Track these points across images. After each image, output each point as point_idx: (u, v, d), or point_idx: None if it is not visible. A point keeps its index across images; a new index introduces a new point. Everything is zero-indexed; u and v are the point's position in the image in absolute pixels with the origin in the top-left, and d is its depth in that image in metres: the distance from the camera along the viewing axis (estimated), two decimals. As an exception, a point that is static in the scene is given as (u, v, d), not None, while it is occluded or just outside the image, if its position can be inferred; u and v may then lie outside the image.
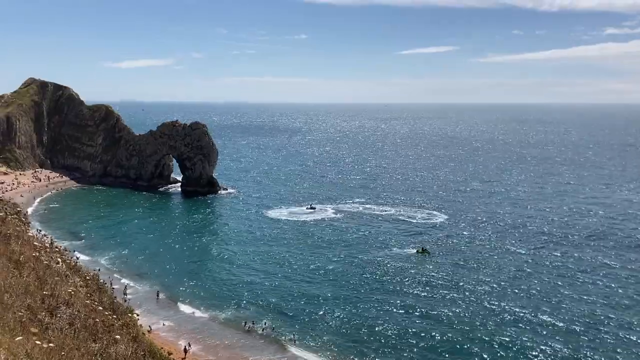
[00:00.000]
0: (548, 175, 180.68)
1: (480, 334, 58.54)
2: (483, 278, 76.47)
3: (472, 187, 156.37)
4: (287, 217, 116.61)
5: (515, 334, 58.52)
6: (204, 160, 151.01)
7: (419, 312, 64.71)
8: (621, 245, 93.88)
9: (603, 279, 76.27)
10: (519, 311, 64.77)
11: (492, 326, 60.51)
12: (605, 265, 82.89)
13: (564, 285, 73.94)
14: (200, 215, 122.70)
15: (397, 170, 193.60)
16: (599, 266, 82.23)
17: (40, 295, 12.27)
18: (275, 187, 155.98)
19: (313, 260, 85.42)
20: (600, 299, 68.94)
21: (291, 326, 61.03)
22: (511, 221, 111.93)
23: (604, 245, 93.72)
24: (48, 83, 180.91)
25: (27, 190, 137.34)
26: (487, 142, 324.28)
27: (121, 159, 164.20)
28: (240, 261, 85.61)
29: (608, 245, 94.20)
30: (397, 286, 73.43)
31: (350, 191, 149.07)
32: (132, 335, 15.11)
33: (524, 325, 60.98)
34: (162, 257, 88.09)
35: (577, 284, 74.37)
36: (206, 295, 71.12)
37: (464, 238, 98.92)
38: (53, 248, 18.32)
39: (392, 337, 58.28)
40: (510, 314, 63.92)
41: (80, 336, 11.93)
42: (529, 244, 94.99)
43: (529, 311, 64.71)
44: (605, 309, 65.52)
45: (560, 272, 79.16)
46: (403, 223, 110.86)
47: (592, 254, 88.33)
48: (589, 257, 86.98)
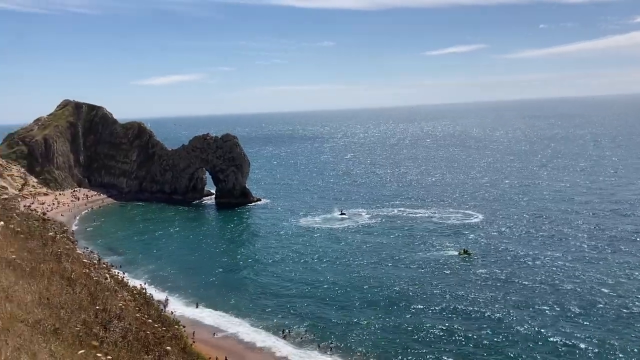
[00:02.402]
0: (584, 170, 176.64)
1: (533, 340, 57.54)
2: (531, 278, 75.01)
3: (506, 185, 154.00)
4: (320, 224, 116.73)
5: (561, 336, 57.34)
6: (236, 172, 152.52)
7: (466, 316, 63.75)
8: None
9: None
10: (562, 313, 63.46)
11: (545, 331, 59.41)
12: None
13: (608, 285, 72.11)
14: (235, 226, 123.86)
15: (429, 172, 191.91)
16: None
17: (93, 310, 12.66)
18: (307, 195, 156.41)
19: (351, 267, 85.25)
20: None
21: (330, 333, 60.97)
22: (551, 218, 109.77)
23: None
24: (82, 104, 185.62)
25: (67, 209, 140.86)
26: (519, 139, 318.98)
27: (155, 174, 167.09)
28: (275, 270, 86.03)
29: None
30: (442, 290, 72.46)
31: (382, 195, 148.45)
32: (180, 347, 15.43)
33: (569, 327, 59.69)
34: (199, 269, 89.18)
35: (625, 284, 72.44)
36: (243, 304, 71.68)
37: (504, 237, 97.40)
38: (101, 264, 18.87)
39: (436, 342, 57.72)
40: (558, 316, 62.67)
41: (134, 348, 12.25)
42: (571, 242, 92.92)
43: (573, 313, 63.32)
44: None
45: (603, 271, 77.23)
46: (439, 225, 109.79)
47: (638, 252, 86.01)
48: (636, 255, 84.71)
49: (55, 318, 10.82)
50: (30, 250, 14.61)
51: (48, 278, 13.28)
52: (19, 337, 8.74)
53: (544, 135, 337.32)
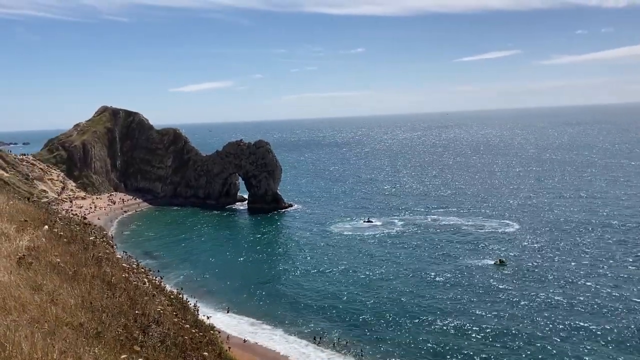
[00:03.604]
0: (621, 179, 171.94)
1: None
2: (575, 291, 73.36)
3: (544, 194, 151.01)
4: (352, 231, 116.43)
5: (597, 350, 55.87)
6: (268, 178, 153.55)
7: (501, 328, 62.72)
8: None
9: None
10: (598, 335, 61.82)
11: (578, 351, 58.06)
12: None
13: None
14: (267, 231, 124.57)
15: (463, 179, 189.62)
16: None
17: (133, 314, 12.86)
18: (338, 201, 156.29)
19: (384, 275, 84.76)
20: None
21: (363, 341, 60.73)
22: (592, 231, 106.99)
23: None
24: (119, 110, 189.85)
25: (103, 213, 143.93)
26: (557, 147, 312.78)
27: (190, 179, 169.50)
28: (307, 277, 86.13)
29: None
30: (478, 301, 71.34)
31: (414, 202, 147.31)
32: (217, 352, 15.55)
33: (606, 342, 58.11)
34: (231, 274, 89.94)
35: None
36: (275, 310, 71.96)
37: (540, 247, 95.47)
38: (139, 269, 19.22)
39: (468, 353, 56.90)
40: (592, 338, 61.11)
41: (172, 353, 12.39)
42: (609, 252, 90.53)
43: (612, 327, 61.62)
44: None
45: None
46: (474, 233, 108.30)
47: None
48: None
49: (98, 322, 11.04)
50: (73, 254, 14.96)
51: (90, 282, 13.57)
52: (64, 340, 8.94)
53: (581, 143, 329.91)
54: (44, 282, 11.58)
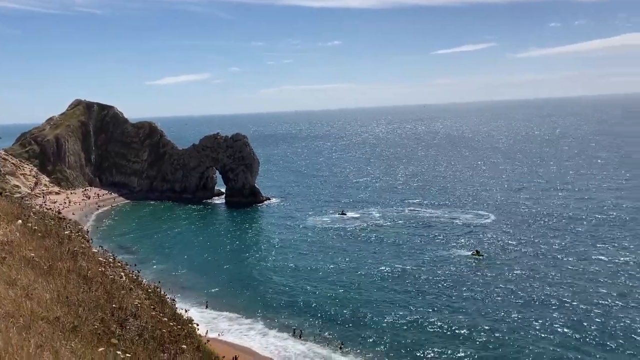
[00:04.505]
0: (595, 169, 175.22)
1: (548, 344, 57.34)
2: (548, 280, 74.64)
3: (517, 185, 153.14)
4: (330, 224, 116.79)
5: (581, 334, 57.10)
6: (246, 171, 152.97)
7: (478, 317, 63.59)
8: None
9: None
10: (570, 320, 63.16)
11: (560, 333, 59.22)
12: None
13: (621, 292, 71.62)
14: (245, 225, 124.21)
15: (439, 172, 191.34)
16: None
17: (110, 308, 12.77)
18: (316, 194, 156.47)
19: (362, 266, 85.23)
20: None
21: (343, 332, 61.08)
22: (565, 220, 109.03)
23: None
24: (94, 103, 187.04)
25: (78, 208, 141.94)
26: (531, 139, 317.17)
27: (166, 173, 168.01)
28: (285, 270, 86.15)
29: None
30: (455, 290, 72.23)
31: (392, 194, 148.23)
32: (195, 345, 15.51)
33: (576, 335, 59.40)
34: (209, 269, 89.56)
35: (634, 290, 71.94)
36: (255, 303, 71.92)
37: (516, 238, 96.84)
38: (116, 263, 19.04)
39: (447, 342, 57.64)
40: (566, 323, 62.41)
41: (150, 347, 12.32)
42: (585, 248, 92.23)
43: (581, 322, 62.98)
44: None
45: (627, 269, 76.71)
46: (451, 225, 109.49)
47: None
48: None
49: (74, 316, 10.94)
50: (47, 248, 14.76)
51: (65, 276, 13.42)
52: (40, 334, 8.85)
53: (556, 135, 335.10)
54: (19, 276, 11.41)
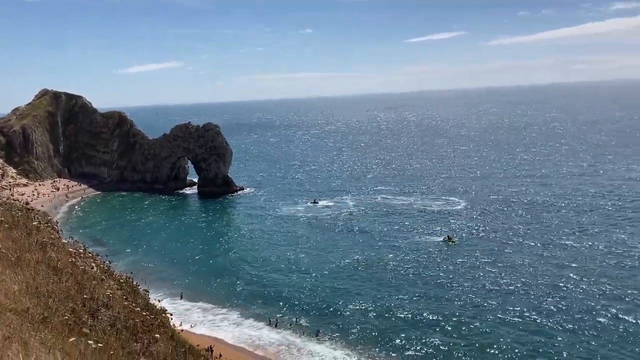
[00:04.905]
0: (563, 155, 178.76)
1: (511, 324, 58.56)
2: (517, 265, 76.07)
3: (487, 172, 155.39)
4: (304, 212, 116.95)
5: (546, 318, 58.47)
6: (218, 161, 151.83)
7: (452, 301, 64.67)
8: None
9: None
10: (539, 299, 64.65)
11: (528, 314, 60.49)
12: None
13: (585, 270, 73.50)
14: (218, 215, 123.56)
15: (411, 160, 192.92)
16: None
17: (81, 298, 12.62)
18: (290, 183, 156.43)
19: (336, 254, 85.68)
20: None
21: (315, 321, 61.47)
22: (532, 204, 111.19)
23: (630, 224, 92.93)
24: (61, 93, 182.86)
25: (47, 200, 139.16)
26: (500, 126, 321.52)
27: (137, 163, 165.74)
28: (260, 259, 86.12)
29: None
30: (428, 276, 73.21)
31: (365, 183, 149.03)
32: (169, 335, 15.45)
33: (556, 310, 60.85)
34: (183, 259, 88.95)
35: (595, 269, 73.89)
36: (230, 293, 71.81)
37: (486, 224, 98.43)
38: (86, 253, 18.77)
39: (420, 328, 58.47)
40: (534, 302, 63.84)
41: (123, 336, 12.25)
42: (551, 229, 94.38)
43: (549, 300, 64.52)
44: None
45: (580, 258, 78.66)
46: (423, 211, 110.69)
47: (618, 232, 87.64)
48: (618, 234, 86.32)
49: (44, 307, 10.78)
50: (15, 239, 14.48)
51: (34, 267, 13.20)
52: (8, 326, 8.72)
53: (525, 122, 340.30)
54: (-15, 268, 11.19)
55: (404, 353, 52.91)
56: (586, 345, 51.81)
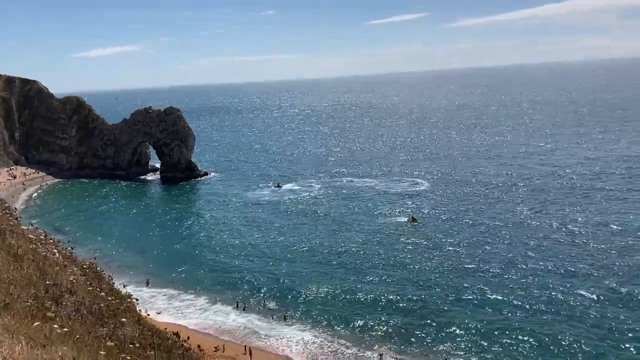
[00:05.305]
0: (522, 135, 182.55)
1: (471, 300, 60.01)
2: (478, 243, 77.71)
3: (448, 153, 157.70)
4: (269, 196, 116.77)
5: (504, 295, 60.11)
6: (181, 145, 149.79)
7: (416, 280, 65.85)
8: (609, 199, 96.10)
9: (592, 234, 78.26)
10: (501, 275, 66.42)
11: (486, 292, 62.03)
12: (589, 221, 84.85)
13: (543, 247, 75.72)
14: (182, 200, 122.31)
15: (374, 142, 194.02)
16: (586, 223, 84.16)
17: (44, 285, 12.45)
18: (255, 167, 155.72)
19: (302, 237, 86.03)
20: (591, 254, 70.93)
21: (283, 304, 61.89)
22: (492, 184, 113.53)
23: (585, 201, 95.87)
24: (15, 78, 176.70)
25: (4, 188, 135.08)
26: (460, 107, 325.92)
27: (97, 149, 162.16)
28: (225, 244, 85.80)
29: (594, 200, 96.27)
30: (393, 256, 74.19)
31: (328, 166, 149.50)
32: (135, 319, 15.38)
33: (513, 287, 62.61)
34: (147, 246, 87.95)
35: (564, 244, 76.20)
36: (197, 279, 71.51)
37: (449, 203, 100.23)
38: (47, 240, 18.40)
39: (384, 308, 59.43)
40: (497, 279, 65.54)
41: (88, 321, 12.16)
42: (510, 206, 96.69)
43: (513, 276, 66.34)
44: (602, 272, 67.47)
45: (548, 231, 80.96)
46: (387, 193, 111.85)
47: (573, 210, 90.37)
48: (573, 212, 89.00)
49: (5, 294, 10.61)
50: (-28, 227, 14.14)
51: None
52: (-31, 312, 8.58)
53: (484, 103, 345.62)
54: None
55: (369, 333, 53.81)
56: (541, 320, 53.60)
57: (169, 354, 12.91)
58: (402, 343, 51.37)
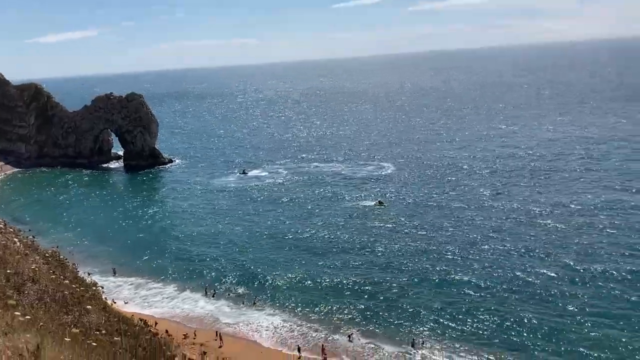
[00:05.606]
0: (482, 118, 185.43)
1: (437, 282, 61.19)
2: (442, 225, 78.89)
3: (413, 137, 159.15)
4: (236, 183, 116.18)
5: (467, 275, 61.46)
6: (144, 132, 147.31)
7: (384, 263, 66.69)
8: (567, 180, 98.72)
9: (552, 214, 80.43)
10: (465, 256, 67.85)
11: (450, 273, 63.27)
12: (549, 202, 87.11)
13: (506, 228, 77.53)
14: (146, 188, 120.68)
15: (339, 127, 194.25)
16: (547, 203, 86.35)
17: (4, 274, 12.24)
18: (220, 154, 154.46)
19: (269, 223, 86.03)
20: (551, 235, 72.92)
21: (252, 290, 62.03)
22: (456, 167, 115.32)
23: (545, 182, 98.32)
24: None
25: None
26: (424, 92, 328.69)
27: (57, 137, 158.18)
28: (191, 231, 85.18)
29: (554, 180, 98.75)
30: (360, 240, 74.80)
31: (295, 151, 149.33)
32: (100, 306, 15.26)
33: (476, 267, 64.03)
34: (113, 236, 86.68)
35: (525, 224, 78.13)
36: (164, 267, 70.95)
37: (415, 187, 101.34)
38: (7, 229, 18.01)
39: (352, 289, 60.14)
40: (461, 259, 66.90)
41: (52, 309, 12.03)
42: (474, 188, 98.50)
43: (476, 255, 67.84)
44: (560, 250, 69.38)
45: (509, 212, 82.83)
46: (354, 177, 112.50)
47: (534, 191, 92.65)
48: (533, 192, 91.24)
49: (-36, 283, 10.42)
50: None
51: (-50, 244, 12.66)
52: None
53: (447, 86, 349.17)
54: None
55: (337, 316, 54.42)
56: (503, 298, 55.09)
57: (136, 340, 12.88)
58: (370, 324, 52.17)
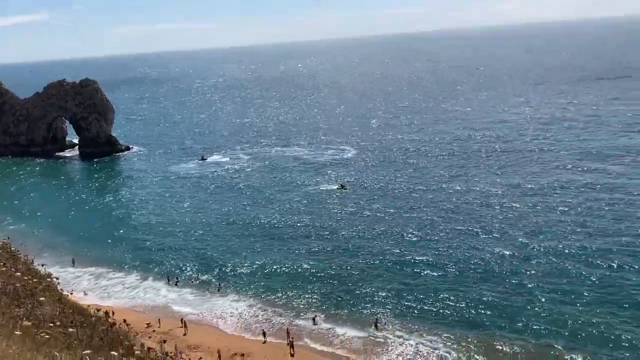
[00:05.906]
0: (439, 101, 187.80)
1: (399, 260, 62.12)
2: (402, 207, 79.83)
3: (373, 120, 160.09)
4: (192, 170, 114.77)
5: (426, 257, 62.62)
6: (99, 119, 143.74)
7: (345, 245, 67.26)
8: (522, 161, 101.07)
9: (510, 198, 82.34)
10: (425, 236, 69.09)
11: (409, 255, 64.28)
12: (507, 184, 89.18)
13: (468, 207, 79.14)
14: (103, 177, 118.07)
15: (299, 111, 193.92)
16: (506, 185, 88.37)
17: (-50, 268, 11.83)
18: (178, 140, 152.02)
19: (231, 208, 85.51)
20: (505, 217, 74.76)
21: (214, 276, 61.79)
22: (414, 149, 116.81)
23: (500, 163, 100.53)
24: None
25: None
26: (384, 76, 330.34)
27: (8, 126, 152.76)
28: (150, 220, 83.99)
29: (509, 161, 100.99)
30: (323, 223, 75.16)
31: (254, 136, 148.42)
32: (56, 298, 14.95)
33: (435, 248, 65.27)
34: (69, 226, 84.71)
35: (482, 205, 79.83)
36: (124, 257, 69.87)
37: (376, 170, 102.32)
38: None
39: (314, 273, 60.53)
40: (422, 240, 68.08)
41: (2, 302, 11.73)
42: (433, 170, 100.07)
43: (438, 236, 69.13)
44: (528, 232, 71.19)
45: (466, 194, 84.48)
46: (316, 161, 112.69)
47: (489, 172, 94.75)
48: (489, 174, 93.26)
49: None
50: None
51: None
52: None
53: (406, 70, 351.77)
54: None
55: (300, 300, 54.67)
56: (461, 278, 56.35)
57: (93, 331, 12.69)
58: (333, 307, 52.62)
